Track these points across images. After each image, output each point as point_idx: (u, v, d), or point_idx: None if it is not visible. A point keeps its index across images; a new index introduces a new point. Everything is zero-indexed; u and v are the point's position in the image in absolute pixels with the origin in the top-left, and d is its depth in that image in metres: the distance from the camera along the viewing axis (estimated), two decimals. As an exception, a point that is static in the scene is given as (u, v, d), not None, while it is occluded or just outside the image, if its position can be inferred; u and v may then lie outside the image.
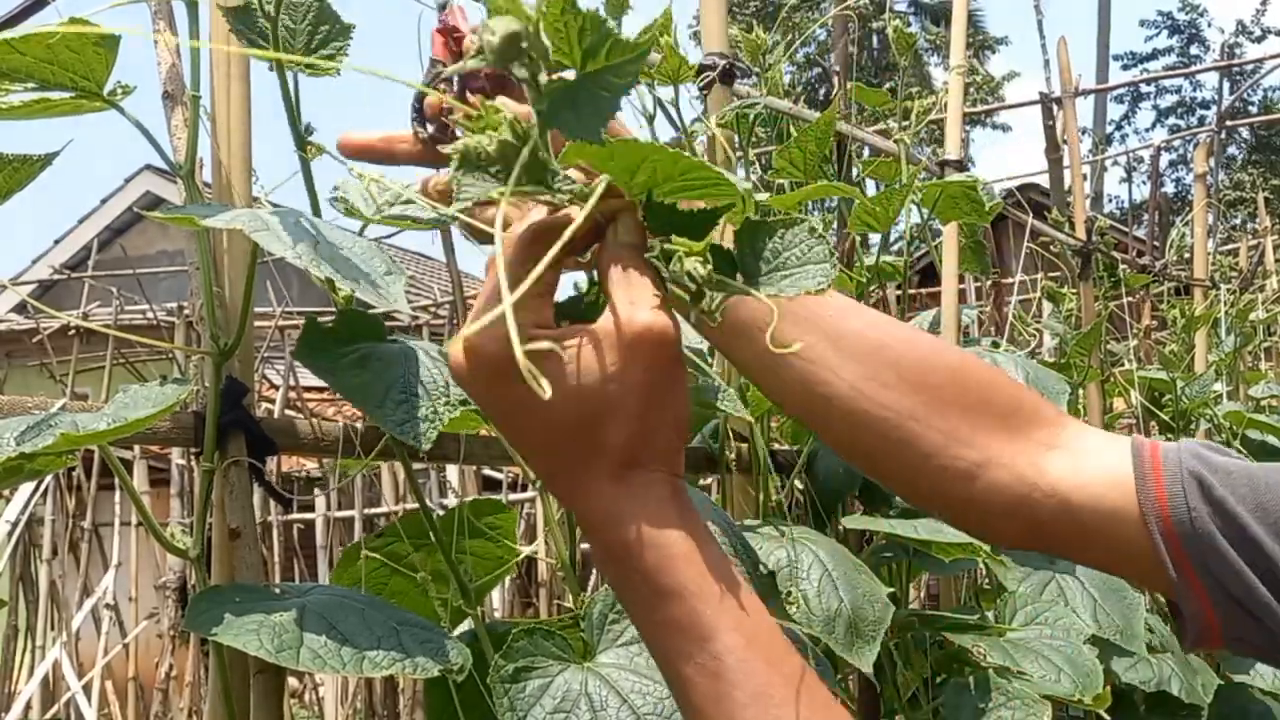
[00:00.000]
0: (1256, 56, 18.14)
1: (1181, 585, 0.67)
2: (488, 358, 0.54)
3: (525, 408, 0.54)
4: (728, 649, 0.53)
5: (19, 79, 0.76)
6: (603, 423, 0.54)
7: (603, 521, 0.55)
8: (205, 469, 0.83)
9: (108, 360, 3.57)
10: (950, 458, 0.71)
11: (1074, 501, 0.70)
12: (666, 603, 0.54)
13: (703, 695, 0.53)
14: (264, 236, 0.70)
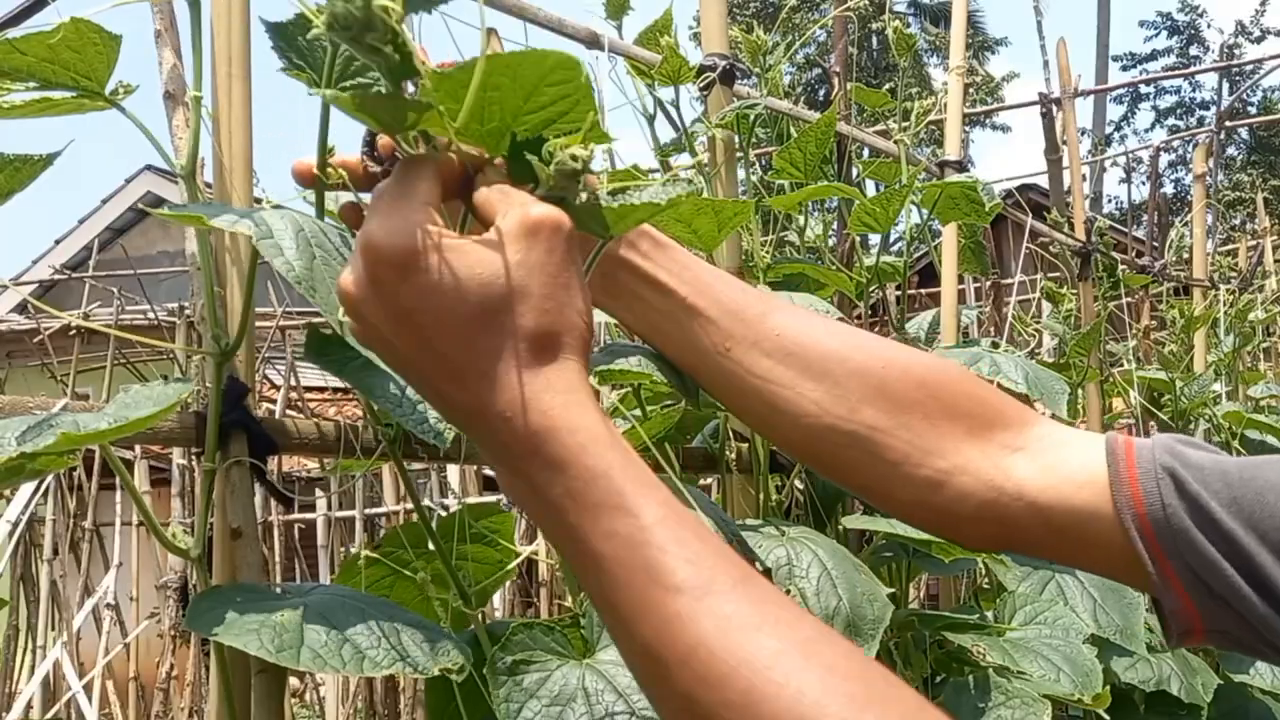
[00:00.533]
0: (1256, 57, 18.15)
1: (1160, 581, 0.67)
2: (396, 251, 0.54)
3: (434, 300, 0.55)
4: (660, 520, 0.52)
5: (20, 78, 0.76)
6: (511, 306, 0.55)
7: (521, 409, 0.54)
8: (207, 469, 0.83)
9: (108, 360, 3.57)
10: (916, 466, 0.72)
11: (1042, 502, 0.70)
12: (590, 484, 0.53)
13: (630, 567, 0.52)
14: (269, 246, 0.70)
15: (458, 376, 0.56)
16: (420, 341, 0.56)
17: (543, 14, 1.19)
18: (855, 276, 1.59)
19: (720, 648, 0.49)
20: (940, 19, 22.89)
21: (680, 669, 0.50)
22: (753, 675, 0.48)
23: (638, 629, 0.51)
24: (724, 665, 0.49)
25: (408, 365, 0.58)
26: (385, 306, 0.56)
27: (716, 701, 0.49)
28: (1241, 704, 1.83)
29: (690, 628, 0.50)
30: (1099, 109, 12.30)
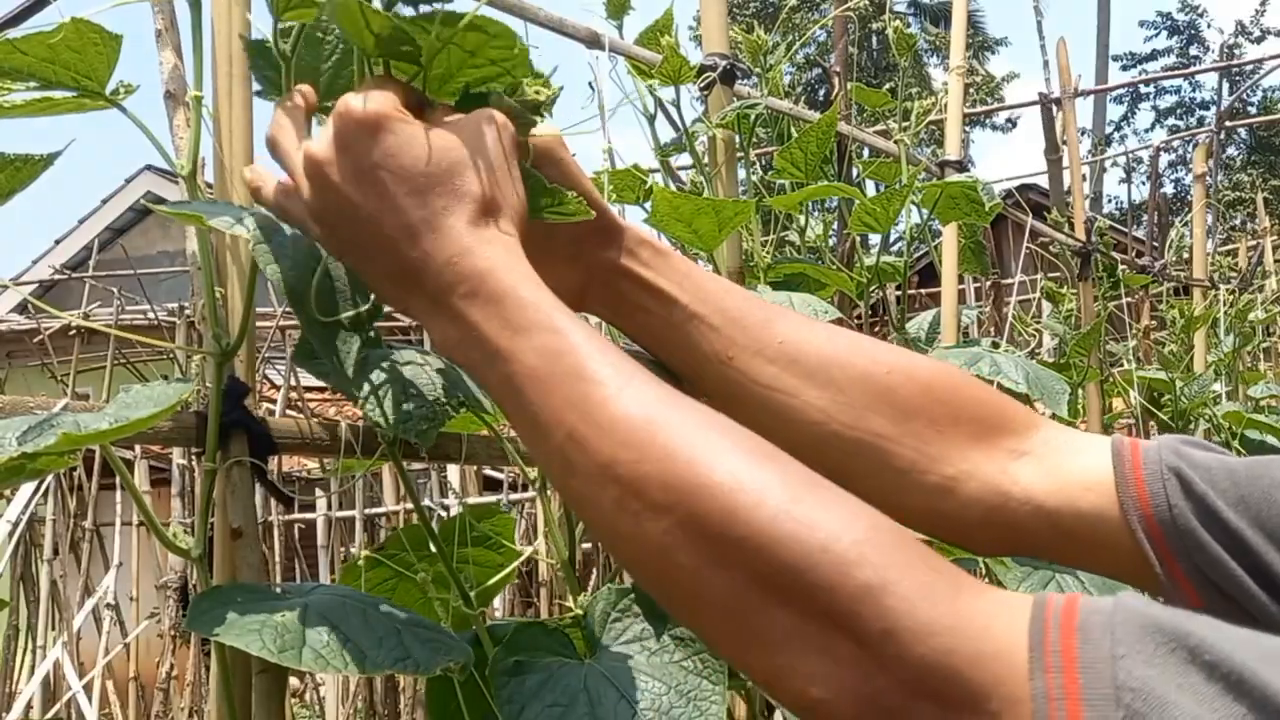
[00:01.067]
0: (1256, 57, 18.15)
1: (1169, 582, 0.68)
2: (368, 112, 0.62)
3: (396, 159, 0.62)
4: (586, 339, 0.59)
5: (21, 78, 0.76)
6: (463, 172, 0.63)
7: (466, 253, 0.61)
8: (207, 469, 0.83)
9: (109, 360, 3.57)
10: (923, 473, 0.72)
11: (1049, 506, 0.71)
12: (523, 310, 0.60)
13: (556, 371, 0.58)
14: (262, 251, 0.71)
15: (410, 230, 0.62)
16: (379, 197, 0.62)
17: (543, 14, 1.19)
18: (856, 276, 1.59)
19: (640, 415, 0.56)
20: (940, 19, 22.89)
21: (602, 440, 0.55)
22: (667, 436, 0.54)
23: (563, 420, 0.57)
24: (642, 431, 0.55)
25: (365, 226, 0.63)
26: (353, 164, 0.63)
27: (635, 458, 0.54)
28: (1242, 704, 1.83)
29: (614, 405, 0.56)
30: (1099, 109, 12.31)
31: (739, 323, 0.76)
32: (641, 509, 0.54)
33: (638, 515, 0.54)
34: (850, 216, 1.50)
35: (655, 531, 0.53)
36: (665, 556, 0.53)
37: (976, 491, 0.72)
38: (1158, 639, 0.45)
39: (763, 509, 0.51)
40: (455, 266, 0.61)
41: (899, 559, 0.50)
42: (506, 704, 0.79)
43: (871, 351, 0.75)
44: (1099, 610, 0.47)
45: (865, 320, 1.83)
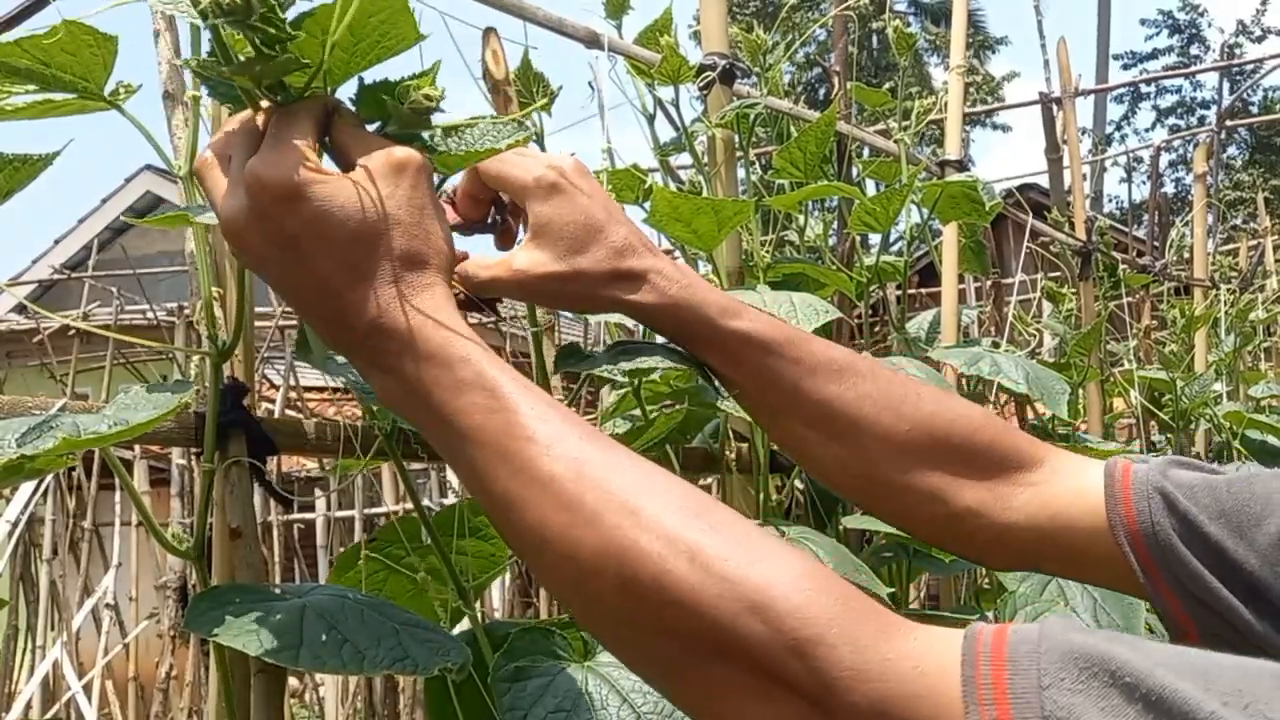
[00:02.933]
0: (1256, 56, 18.15)
1: (1154, 595, 0.73)
2: (278, 183, 0.61)
3: (315, 227, 0.61)
4: (516, 392, 0.59)
5: (21, 80, 0.76)
6: (384, 231, 0.62)
7: (387, 317, 0.61)
8: (205, 469, 0.83)
9: (108, 360, 3.57)
10: (932, 510, 0.79)
11: (1050, 530, 0.77)
12: (453, 368, 0.60)
13: (490, 428, 0.58)
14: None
15: (336, 294, 0.62)
16: (302, 264, 0.62)
17: (542, 13, 1.19)
18: (855, 276, 1.59)
19: (567, 478, 0.56)
20: (941, 18, 22.89)
21: (535, 500, 0.56)
22: (595, 496, 0.55)
23: (497, 478, 0.58)
24: (571, 491, 0.56)
25: (290, 288, 0.64)
26: (269, 234, 0.62)
27: (566, 522, 0.55)
28: (1242, 704, 1.83)
29: (544, 466, 0.57)
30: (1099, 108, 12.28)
31: (774, 385, 0.79)
32: (578, 571, 0.55)
33: (576, 578, 0.55)
34: (850, 216, 1.50)
35: (597, 591, 0.54)
36: (611, 616, 0.55)
37: (984, 523, 0.78)
38: (1081, 664, 0.47)
39: (691, 571, 0.52)
40: (380, 328, 0.61)
41: (828, 608, 0.51)
42: (509, 711, 0.79)
43: (898, 408, 0.79)
44: (1026, 640, 0.49)
45: (865, 320, 1.83)
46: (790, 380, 0.79)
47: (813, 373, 0.79)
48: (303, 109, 0.65)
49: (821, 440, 0.80)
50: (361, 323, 0.62)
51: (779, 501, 1.40)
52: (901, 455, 0.78)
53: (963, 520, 0.78)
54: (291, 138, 0.63)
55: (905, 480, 0.79)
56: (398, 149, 0.65)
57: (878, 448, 0.79)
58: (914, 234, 1.58)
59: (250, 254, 0.64)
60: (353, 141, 0.66)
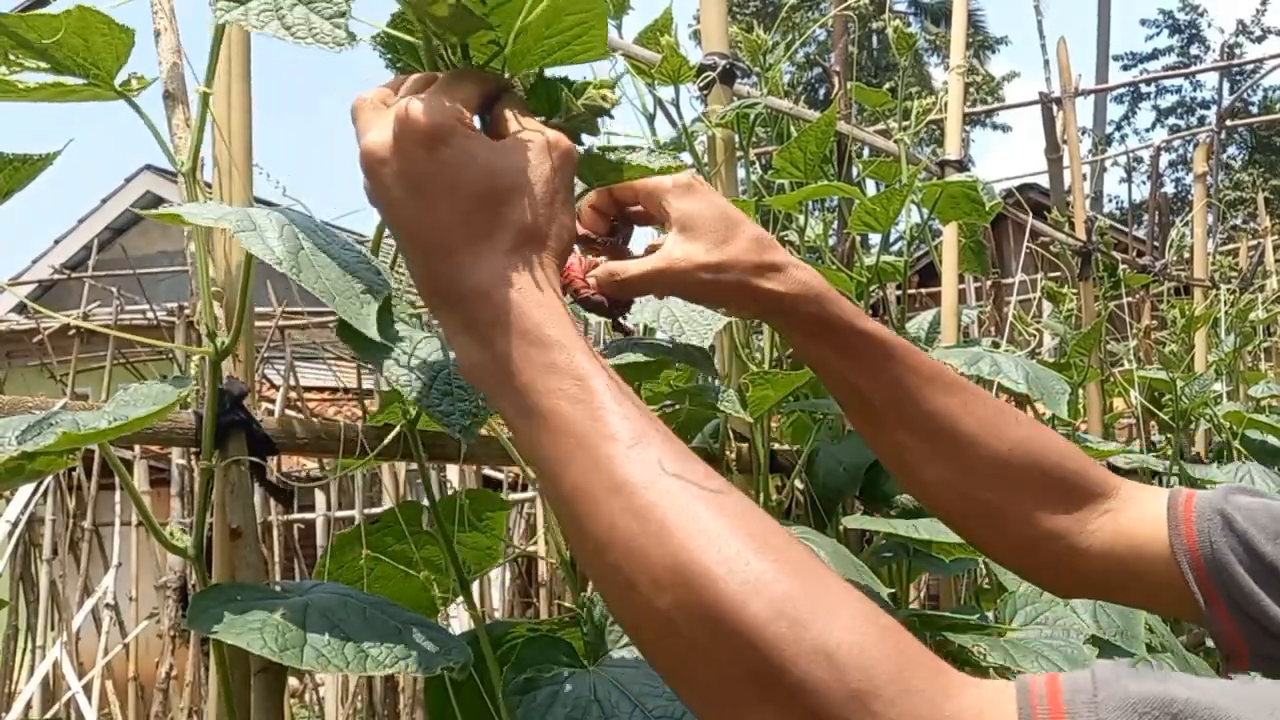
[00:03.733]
0: (1256, 56, 18.14)
1: (1210, 614, 0.75)
2: (427, 124, 0.61)
3: (449, 175, 0.62)
4: (605, 387, 0.59)
5: (33, 56, 0.75)
6: (510, 199, 0.62)
7: (498, 282, 0.61)
8: (204, 468, 0.83)
9: (108, 360, 3.57)
10: (1015, 531, 0.82)
11: (1119, 554, 0.80)
12: (548, 350, 0.59)
13: (572, 418, 0.58)
14: (249, 237, 0.70)
15: (447, 248, 0.62)
16: (424, 208, 0.62)
17: (543, 13, 1.19)
18: (855, 276, 1.58)
19: (643, 484, 0.55)
20: (941, 18, 22.88)
21: (606, 501, 0.55)
22: (670, 510, 0.54)
23: (570, 470, 0.57)
24: (644, 499, 0.55)
25: (406, 229, 0.63)
26: (402, 172, 0.62)
27: (636, 530, 0.54)
28: (1242, 704, 1.83)
29: (621, 468, 0.56)
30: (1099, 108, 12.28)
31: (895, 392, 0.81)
32: (639, 580, 0.54)
33: (634, 585, 0.54)
34: (850, 216, 1.50)
35: (652, 605, 0.54)
36: (662, 631, 0.54)
37: (1059, 547, 0.81)
38: (1140, 710, 0.47)
39: (755, 605, 0.51)
40: (485, 293, 0.61)
41: (892, 660, 0.50)
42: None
43: (1000, 428, 0.82)
44: (1081, 689, 0.49)
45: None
46: (908, 388, 0.81)
47: (930, 382, 0.81)
48: (473, 77, 0.66)
49: (926, 453, 0.82)
50: (466, 283, 0.61)
51: (779, 501, 1.40)
52: (1000, 475, 0.81)
53: (1047, 544, 0.81)
54: (454, 93, 0.64)
55: (1000, 501, 0.81)
56: (549, 130, 0.65)
57: (980, 465, 0.81)
58: (914, 234, 1.58)
59: (379, 189, 0.63)
60: (512, 121, 0.66)
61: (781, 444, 1.48)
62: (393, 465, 3.10)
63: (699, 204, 0.78)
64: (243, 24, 0.66)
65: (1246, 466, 2.29)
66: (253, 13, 0.65)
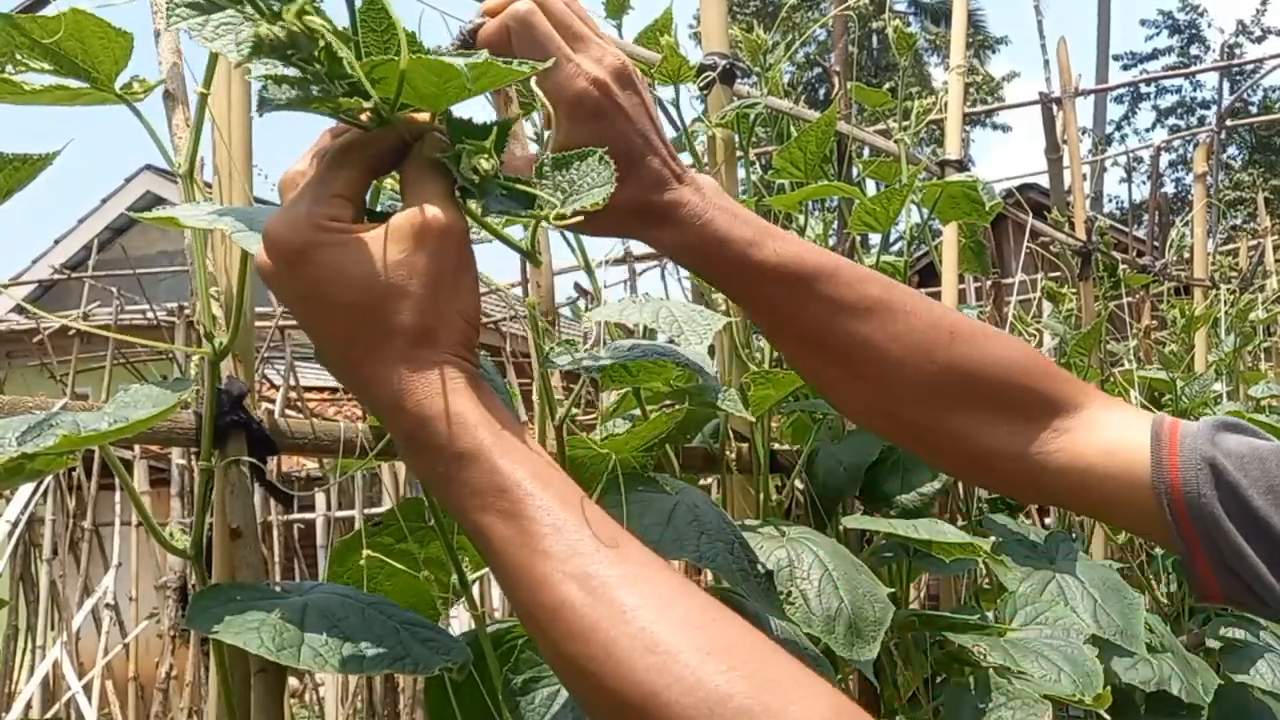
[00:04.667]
0: (1256, 56, 18.14)
1: (1189, 561, 0.74)
2: (285, 245, 0.59)
3: (321, 291, 0.59)
4: (529, 494, 0.56)
5: (35, 57, 0.75)
6: (393, 306, 0.58)
7: (397, 401, 0.58)
8: (203, 468, 0.83)
9: (108, 360, 3.57)
10: (964, 444, 0.78)
11: (1083, 479, 0.76)
12: (464, 467, 0.57)
13: (504, 538, 0.56)
14: (245, 239, 0.70)
15: (345, 360, 0.60)
16: (313, 322, 0.61)
17: (543, 13, 1.19)
18: (855, 276, 1.58)
19: (581, 604, 0.53)
20: (941, 18, 22.88)
21: (550, 626, 0.54)
22: (611, 628, 0.52)
23: (517, 592, 0.56)
24: (585, 621, 0.53)
25: (311, 338, 0.62)
26: (281, 290, 0.61)
27: (581, 654, 0.53)
28: (1242, 704, 1.83)
29: (557, 589, 0.54)
30: (1099, 108, 12.30)
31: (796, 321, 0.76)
32: (597, 705, 0.53)
33: (592, 709, 0.53)
34: (850, 216, 1.50)
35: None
36: None
37: (1014, 465, 0.77)
38: None
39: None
40: (394, 409, 0.59)
41: None
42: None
43: (930, 349, 0.76)
44: None
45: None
46: (818, 319, 0.75)
47: (840, 311, 0.75)
48: (364, 145, 0.61)
49: (845, 378, 0.78)
50: (375, 395, 0.59)
51: (779, 501, 1.40)
52: (928, 396, 0.77)
53: (989, 460, 0.78)
54: (332, 183, 0.60)
55: (930, 420, 0.78)
56: (428, 208, 0.59)
57: (903, 388, 0.77)
58: (914, 234, 1.58)
59: (279, 299, 0.62)
60: (413, 183, 0.61)
61: (781, 444, 1.48)
62: (393, 465, 3.10)
63: (595, 134, 0.68)
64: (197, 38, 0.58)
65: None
66: (211, 25, 0.58)
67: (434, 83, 0.59)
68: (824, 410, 1.41)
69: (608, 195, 0.62)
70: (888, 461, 1.43)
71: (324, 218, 0.59)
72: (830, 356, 0.77)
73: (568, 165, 0.64)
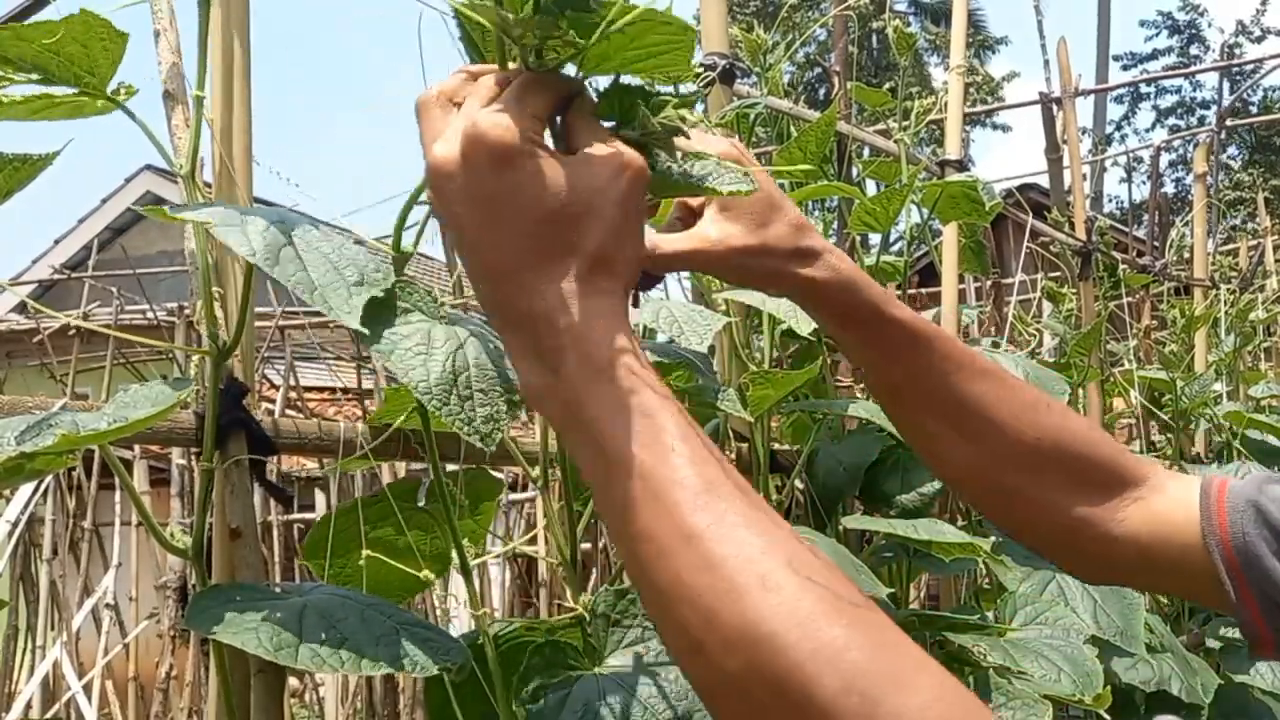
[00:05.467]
0: (1256, 56, 18.14)
1: (1238, 602, 0.76)
2: (495, 142, 0.59)
3: (515, 197, 0.59)
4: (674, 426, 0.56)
5: (24, 69, 0.75)
6: (583, 222, 0.59)
7: (563, 309, 0.59)
8: (204, 468, 0.83)
9: (108, 360, 3.57)
10: (1055, 516, 0.82)
11: (1146, 542, 0.80)
12: (615, 384, 0.57)
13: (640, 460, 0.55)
14: (227, 232, 0.69)
15: (513, 268, 0.59)
16: (491, 227, 0.60)
17: (542, 13, 1.19)
18: (855, 276, 1.58)
19: (712, 536, 0.53)
20: (941, 18, 22.88)
21: (675, 552, 0.53)
22: (739, 566, 0.52)
23: (640, 513, 0.55)
24: (714, 552, 0.53)
25: (471, 247, 0.61)
26: (469, 189, 0.60)
27: (703, 585, 0.52)
28: (1242, 704, 1.83)
29: (689, 516, 0.54)
30: (1099, 108, 12.29)
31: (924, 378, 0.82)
32: (708, 640, 0.52)
33: (702, 645, 0.52)
34: (850, 216, 1.50)
35: (722, 667, 0.52)
36: (731, 693, 0.52)
37: (1095, 534, 0.81)
38: None
39: (827, 678, 0.49)
40: (552, 318, 0.58)
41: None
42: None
43: (1031, 415, 0.82)
44: None
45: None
46: (939, 375, 0.81)
47: (958, 370, 0.81)
48: (549, 82, 0.63)
49: (955, 439, 0.82)
50: (532, 306, 0.59)
51: (779, 501, 1.40)
52: (1027, 462, 0.81)
53: (1074, 531, 0.82)
54: (526, 104, 0.61)
55: (1027, 487, 0.82)
56: (625, 148, 0.62)
57: (1008, 452, 0.82)
58: (914, 234, 1.58)
59: (444, 203, 0.61)
60: (585, 130, 0.64)
61: (781, 444, 1.48)
62: (393, 465, 3.10)
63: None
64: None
65: (1247, 467, 2.29)
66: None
67: (632, 47, 0.64)
68: (824, 410, 1.41)
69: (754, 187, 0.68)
70: (888, 462, 1.43)
71: (531, 130, 0.60)
72: (945, 414, 0.82)
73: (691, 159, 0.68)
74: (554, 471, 0.98)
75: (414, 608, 2.62)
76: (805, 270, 0.78)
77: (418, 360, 0.74)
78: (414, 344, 0.75)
